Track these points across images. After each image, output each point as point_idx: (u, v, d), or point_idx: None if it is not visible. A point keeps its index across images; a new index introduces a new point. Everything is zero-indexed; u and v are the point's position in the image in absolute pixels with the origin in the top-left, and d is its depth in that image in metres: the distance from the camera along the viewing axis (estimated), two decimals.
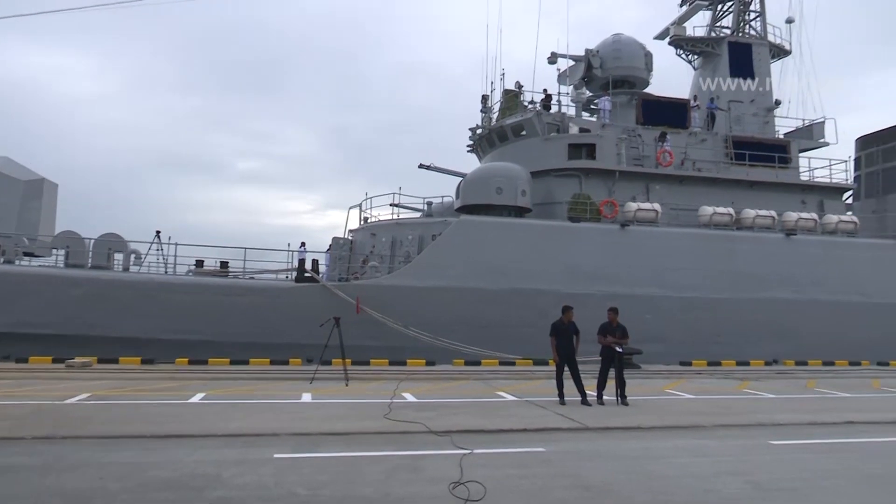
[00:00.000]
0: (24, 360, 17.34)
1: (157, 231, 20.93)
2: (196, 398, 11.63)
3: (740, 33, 30.22)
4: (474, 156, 29.50)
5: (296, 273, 21.25)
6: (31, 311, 18.76)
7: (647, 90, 28.36)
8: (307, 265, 21.25)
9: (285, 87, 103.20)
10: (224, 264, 21.81)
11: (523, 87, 26.65)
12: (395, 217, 25.29)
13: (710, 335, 22.16)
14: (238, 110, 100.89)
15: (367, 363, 18.27)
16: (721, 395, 13.78)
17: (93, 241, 20.62)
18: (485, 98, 28.12)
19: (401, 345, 19.61)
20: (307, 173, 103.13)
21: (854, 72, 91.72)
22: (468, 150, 29.66)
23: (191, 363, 17.77)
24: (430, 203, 26.00)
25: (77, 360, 16.82)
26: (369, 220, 25.14)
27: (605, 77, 27.27)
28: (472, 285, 20.78)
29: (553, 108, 25.95)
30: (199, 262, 21.56)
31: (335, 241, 24.68)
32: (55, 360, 17.25)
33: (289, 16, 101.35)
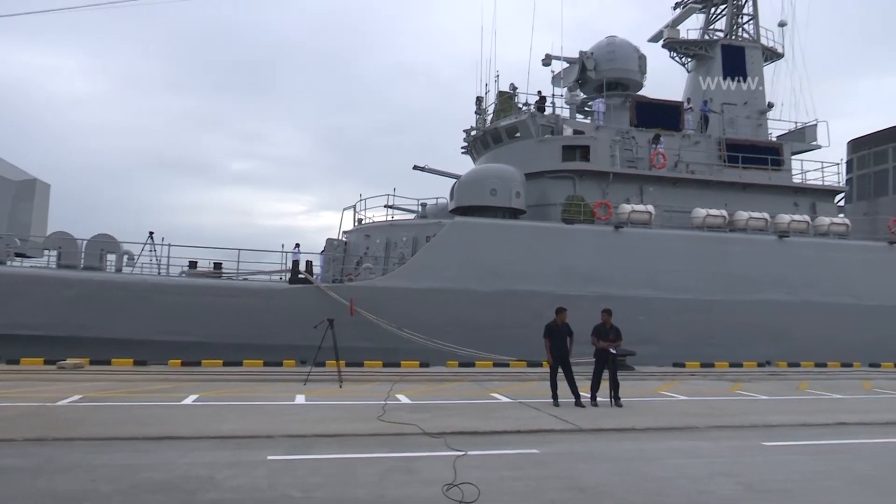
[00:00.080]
0: (15, 362, 17.23)
1: (150, 232, 20.98)
2: (189, 400, 11.59)
3: (733, 36, 30.41)
4: (468, 157, 29.54)
5: (290, 274, 21.22)
6: (23, 313, 18.65)
7: (640, 92, 28.47)
8: (301, 267, 21.22)
9: (278, 88, 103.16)
10: (217, 265, 21.78)
11: (517, 88, 26.73)
12: (390, 218, 25.30)
13: (703, 337, 22.25)
14: (231, 111, 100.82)
15: (361, 365, 18.24)
16: (714, 397, 13.83)
17: (85, 241, 20.53)
18: (479, 100, 28.17)
19: (395, 346, 19.60)
20: (300, 174, 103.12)
21: (846, 75, 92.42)
22: (462, 152, 29.70)
23: (184, 365, 17.71)
24: (424, 204, 26.05)
25: (69, 361, 16.74)
26: (363, 222, 25.14)
27: (600, 79, 27.38)
28: (467, 287, 20.79)
29: (547, 110, 26.03)
30: (193, 264, 21.50)
31: (329, 242, 24.67)
32: (47, 362, 17.16)
33: (282, 16, 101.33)
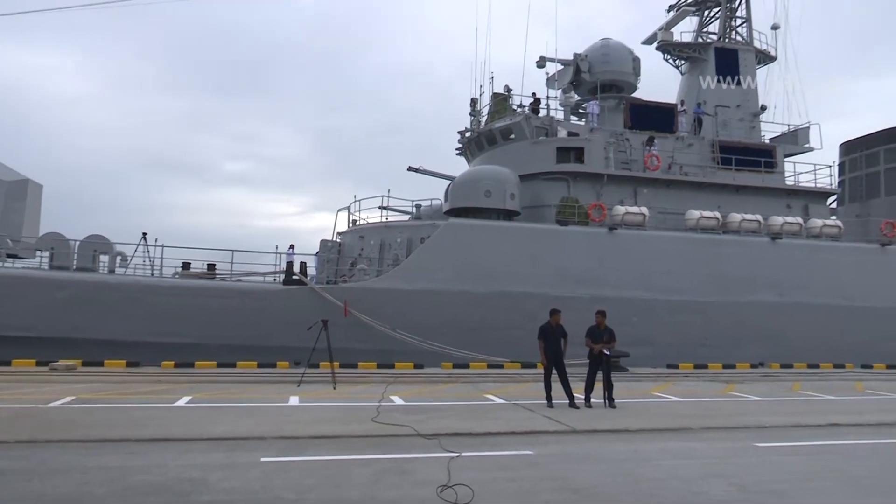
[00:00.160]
0: (6, 363, 17.13)
1: (144, 233, 20.88)
2: (182, 401, 11.55)
3: (727, 39, 30.55)
4: (463, 159, 29.56)
5: (284, 276, 21.18)
6: (15, 314, 18.53)
7: (634, 94, 28.56)
8: (295, 268, 21.18)
9: (273, 89, 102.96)
10: (211, 266, 21.70)
11: (512, 90, 26.78)
12: (384, 220, 25.29)
13: (696, 338, 22.32)
14: (225, 112, 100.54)
15: (355, 366, 18.22)
16: (707, 398, 13.87)
17: (78, 242, 20.43)
18: (474, 101, 28.18)
19: (389, 348, 19.59)
20: (295, 175, 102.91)
21: (838, 78, 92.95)
22: (457, 153, 29.72)
23: (177, 366, 17.66)
24: (418, 206, 26.05)
25: (61, 362, 16.65)
26: (358, 223, 25.10)
27: (594, 81, 27.44)
28: (461, 288, 20.80)
29: (542, 112, 26.10)
30: (186, 265, 21.42)
31: (323, 243, 24.63)
32: (39, 363, 17.08)
33: (276, 17, 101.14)
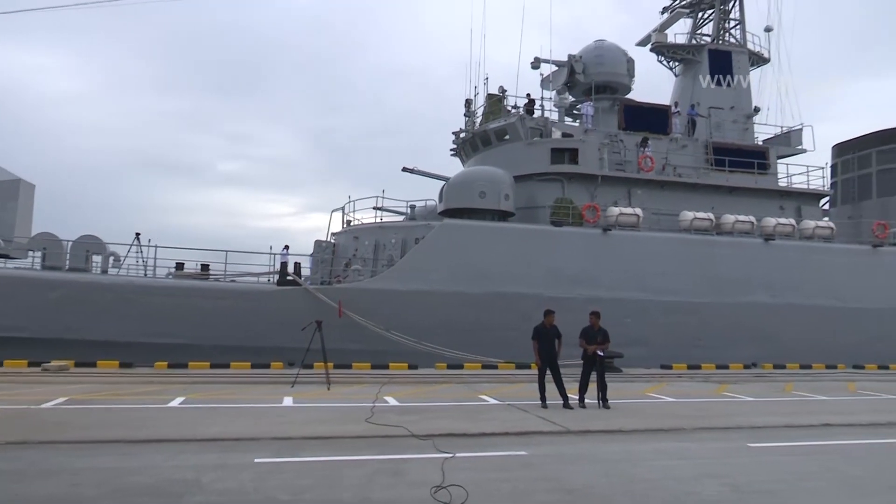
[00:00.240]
0: None
1: (137, 233, 20.80)
2: (175, 402, 11.51)
3: (720, 41, 30.67)
4: (457, 160, 29.58)
5: (278, 276, 21.13)
6: (7, 314, 18.41)
7: (628, 96, 28.62)
8: (290, 268, 21.13)
9: (267, 89, 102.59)
10: (205, 267, 21.65)
11: (507, 91, 26.78)
12: (379, 220, 25.27)
13: (690, 339, 22.37)
14: (220, 111, 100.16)
15: (349, 367, 18.18)
16: (701, 399, 13.92)
17: (70, 242, 20.35)
18: (468, 102, 28.21)
19: (383, 348, 19.56)
20: (289, 176, 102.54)
21: (831, 80, 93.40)
22: (451, 154, 29.74)
23: (170, 367, 17.57)
24: (413, 206, 26.03)
25: (53, 363, 16.56)
26: (352, 224, 25.07)
27: (588, 82, 27.49)
28: (455, 289, 20.79)
29: (536, 113, 26.11)
30: (180, 265, 21.35)
31: (317, 244, 24.59)
32: (31, 364, 16.96)
33: (270, 17, 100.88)
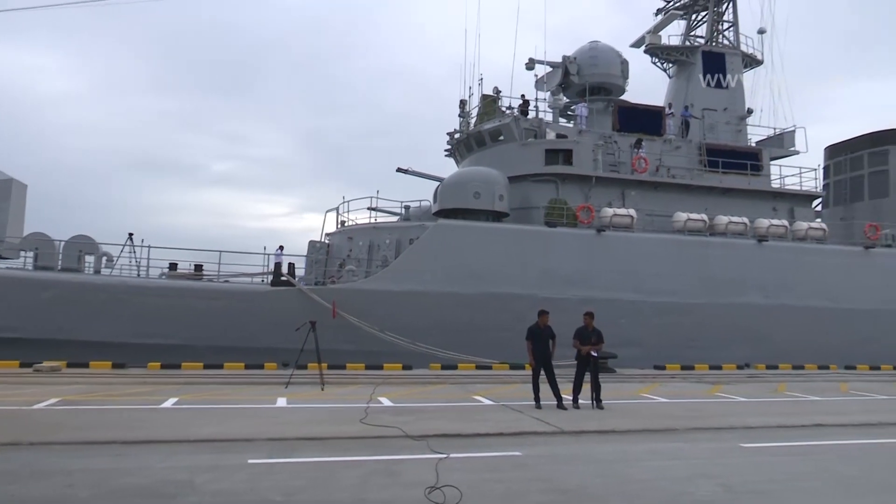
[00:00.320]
0: None
1: (130, 233, 20.73)
2: (168, 403, 11.47)
3: (714, 43, 30.79)
4: (452, 160, 29.58)
5: (272, 276, 21.09)
6: None
7: (623, 97, 28.70)
8: (284, 269, 21.09)
9: (261, 89, 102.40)
10: (198, 267, 21.57)
11: (501, 92, 26.81)
12: (373, 221, 25.25)
13: (683, 339, 22.45)
14: (213, 111, 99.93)
15: (343, 367, 18.15)
16: (694, 399, 13.97)
17: (63, 243, 20.23)
18: (463, 103, 28.21)
19: (377, 349, 19.54)
20: (283, 176, 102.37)
21: (824, 82, 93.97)
22: (446, 155, 29.74)
23: (163, 367, 17.50)
24: (407, 207, 26.03)
25: (46, 364, 16.46)
26: (346, 224, 25.04)
27: (582, 84, 27.55)
28: (450, 289, 20.79)
29: (530, 114, 26.14)
30: (173, 265, 21.28)
31: (311, 244, 24.55)
32: (23, 365, 16.84)
33: (264, 17, 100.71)
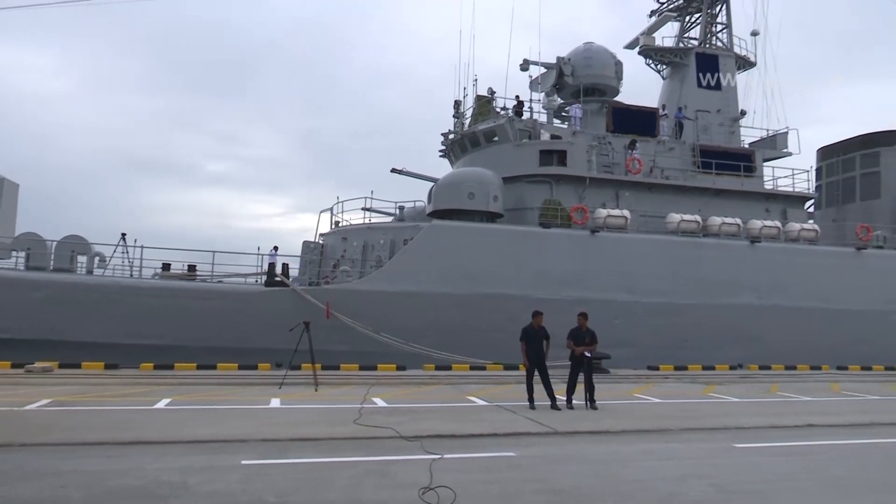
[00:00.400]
0: None
1: (123, 233, 20.60)
2: (161, 404, 11.43)
3: (707, 45, 30.90)
4: (446, 161, 29.59)
5: (265, 277, 21.03)
6: None
7: (617, 98, 28.77)
8: (278, 269, 21.04)
9: (255, 89, 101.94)
10: (192, 268, 21.50)
11: (495, 93, 26.84)
12: (367, 221, 25.23)
13: (677, 340, 22.52)
14: (207, 111, 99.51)
15: (337, 368, 18.13)
16: (687, 399, 14.02)
17: (55, 243, 20.13)
18: (457, 103, 28.23)
19: (371, 349, 19.52)
20: (277, 176, 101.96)
21: (816, 84, 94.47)
22: (440, 156, 29.74)
23: (156, 368, 17.43)
24: (402, 207, 26.02)
25: (37, 364, 16.38)
26: (340, 224, 25.00)
27: (577, 85, 27.62)
28: (444, 290, 20.79)
29: (525, 115, 26.17)
30: (166, 266, 21.20)
31: (306, 244, 24.51)
32: (14, 365, 16.75)
33: (258, 16, 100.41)
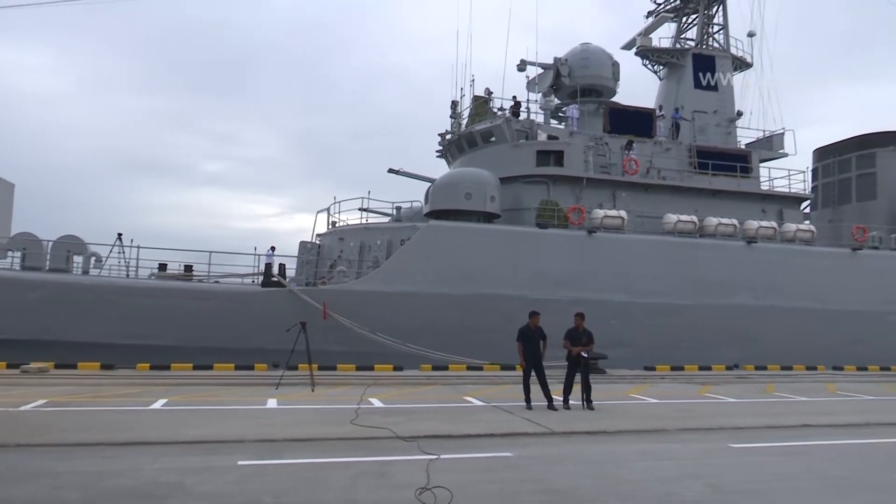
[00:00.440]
0: None
1: (119, 233, 20.61)
2: (158, 404, 11.41)
3: (704, 45, 30.97)
4: (443, 161, 29.59)
5: (262, 277, 21.01)
6: None
7: (613, 99, 28.83)
8: (275, 269, 21.01)
9: (252, 89, 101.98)
10: (188, 268, 21.48)
11: (493, 93, 26.87)
12: (364, 221, 25.21)
13: (673, 340, 22.56)
14: (203, 111, 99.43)
15: (334, 368, 18.13)
16: (684, 400, 14.04)
17: (51, 243, 20.10)
18: (454, 104, 28.23)
19: (368, 350, 19.51)
20: (274, 176, 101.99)
21: (813, 85, 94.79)
22: (437, 156, 29.74)
23: (152, 368, 17.40)
24: (398, 208, 26.01)
25: (33, 365, 16.34)
26: (337, 225, 24.97)
27: (574, 85, 27.65)
28: (441, 290, 20.78)
29: (522, 115, 26.19)
30: (162, 266, 21.18)
31: (302, 245, 24.47)
32: (10, 366, 16.71)
33: (255, 16, 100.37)
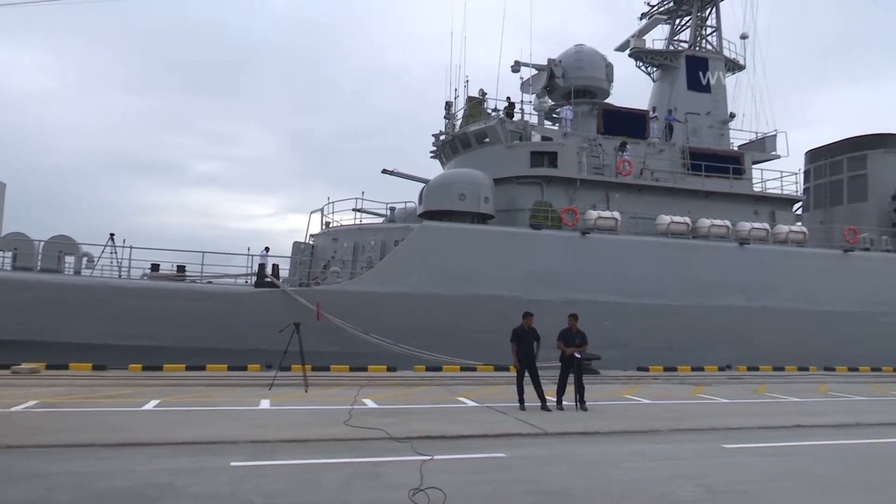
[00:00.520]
0: None
1: (111, 233, 20.48)
2: (150, 405, 11.37)
3: (697, 48, 31.12)
4: (437, 162, 29.60)
5: (255, 278, 20.95)
6: None
7: (607, 100, 28.92)
8: (268, 270, 20.95)
9: (246, 89, 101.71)
10: (181, 268, 21.37)
11: (487, 94, 26.87)
12: (358, 222, 25.18)
13: (666, 341, 22.64)
14: (197, 111, 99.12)
15: (328, 369, 18.08)
16: (676, 400, 14.09)
17: (42, 243, 19.98)
18: (448, 105, 28.24)
19: (362, 350, 19.48)
20: (268, 176, 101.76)
21: (805, 87, 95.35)
22: (431, 157, 29.75)
23: (145, 369, 17.31)
24: (392, 208, 26.01)
25: (24, 366, 16.24)
26: (331, 225, 24.94)
27: (567, 87, 27.71)
28: (434, 291, 20.78)
29: (516, 117, 26.22)
30: (155, 266, 21.07)
31: (296, 245, 24.43)
32: (1, 367, 16.58)
33: (250, 16, 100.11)
